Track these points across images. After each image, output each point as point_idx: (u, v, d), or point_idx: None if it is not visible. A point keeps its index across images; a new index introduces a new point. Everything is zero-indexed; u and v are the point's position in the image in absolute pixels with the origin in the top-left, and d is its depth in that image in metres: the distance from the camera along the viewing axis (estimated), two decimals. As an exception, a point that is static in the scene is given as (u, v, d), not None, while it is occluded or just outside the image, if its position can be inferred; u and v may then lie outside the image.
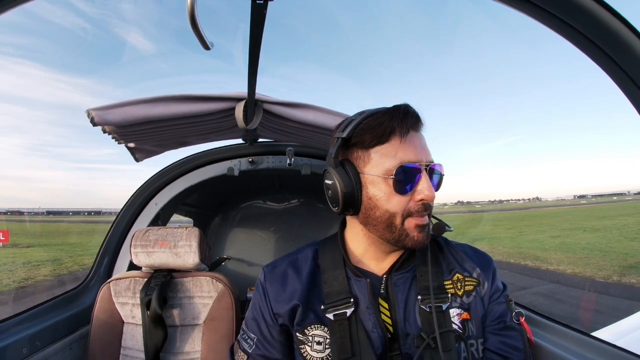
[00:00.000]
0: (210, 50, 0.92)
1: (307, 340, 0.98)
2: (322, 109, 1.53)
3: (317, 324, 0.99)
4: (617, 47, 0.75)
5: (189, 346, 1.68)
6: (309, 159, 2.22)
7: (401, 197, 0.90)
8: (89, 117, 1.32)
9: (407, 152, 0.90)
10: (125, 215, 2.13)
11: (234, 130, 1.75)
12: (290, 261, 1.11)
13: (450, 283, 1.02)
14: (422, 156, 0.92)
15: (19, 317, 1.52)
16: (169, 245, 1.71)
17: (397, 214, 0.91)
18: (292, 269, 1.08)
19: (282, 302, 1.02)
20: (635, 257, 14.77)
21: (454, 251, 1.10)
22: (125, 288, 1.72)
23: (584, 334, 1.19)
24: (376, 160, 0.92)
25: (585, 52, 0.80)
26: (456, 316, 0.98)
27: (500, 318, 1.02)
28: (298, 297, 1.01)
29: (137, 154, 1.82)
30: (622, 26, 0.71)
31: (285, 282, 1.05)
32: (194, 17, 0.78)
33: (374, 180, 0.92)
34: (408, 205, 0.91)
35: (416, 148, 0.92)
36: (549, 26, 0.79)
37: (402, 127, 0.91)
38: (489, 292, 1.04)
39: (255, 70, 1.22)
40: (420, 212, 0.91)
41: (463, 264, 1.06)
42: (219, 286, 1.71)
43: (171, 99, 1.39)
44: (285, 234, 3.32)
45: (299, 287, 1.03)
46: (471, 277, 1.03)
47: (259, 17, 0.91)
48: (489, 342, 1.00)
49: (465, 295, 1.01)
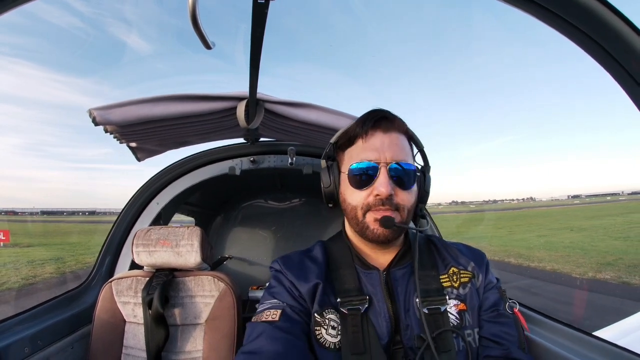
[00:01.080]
0: (212, 50, 0.92)
1: (324, 323, 0.99)
2: (323, 108, 1.53)
3: (333, 308, 1.01)
4: (617, 44, 0.75)
5: (190, 345, 1.69)
6: (310, 159, 2.22)
7: (360, 192, 1.01)
8: (91, 117, 1.33)
9: (366, 152, 1.01)
10: (127, 214, 2.13)
11: (235, 129, 1.75)
12: (303, 253, 1.16)
13: (447, 276, 1.07)
14: (382, 155, 1.00)
15: (21, 317, 1.53)
16: (170, 245, 1.71)
17: (357, 207, 1.01)
18: (306, 258, 1.12)
19: (302, 281, 1.04)
20: (614, 255, 15.24)
21: (448, 248, 1.16)
22: (127, 287, 1.72)
23: (579, 331, 1.21)
24: (346, 160, 1.07)
25: (587, 50, 0.80)
26: (453, 307, 1.02)
27: (494, 307, 1.06)
28: (318, 277, 1.04)
29: (139, 153, 1.82)
30: (622, 23, 0.71)
31: (303, 266, 1.08)
32: (195, 17, 0.78)
33: (343, 178, 1.07)
34: (367, 200, 1.00)
35: (378, 148, 1.01)
36: (550, 25, 0.79)
37: (362, 130, 1.03)
38: (483, 283, 1.09)
39: (257, 69, 1.22)
40: (377, 206, 0.98)
41: (458, 259, 1.12)
42: (220, 285, 1.71)
43: (172, 99, 1.39)
44: (287, 233, 3.32)
45: (318, 270, 1.06)
46: (466, 270, 1.09)
47: (261, 17, 0.91)
48: (483, 330, 1.04)
49: (462, 287, 1.06)
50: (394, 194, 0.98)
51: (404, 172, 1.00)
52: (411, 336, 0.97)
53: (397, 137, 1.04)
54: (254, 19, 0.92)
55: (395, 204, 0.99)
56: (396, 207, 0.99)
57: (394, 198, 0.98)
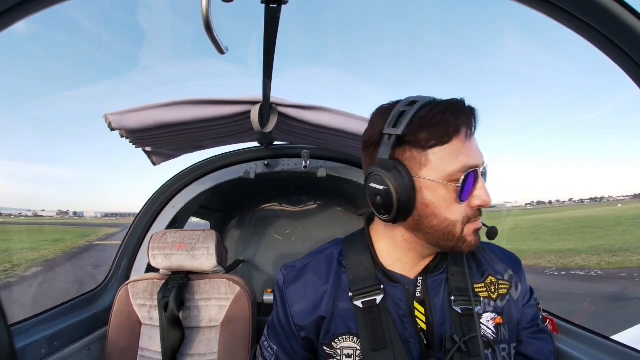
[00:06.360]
0: (225, 55, 0.93)
1: (336, 354, 0.92)
2: (337, 111, 1.52)
3: (346, 334, 0.92)
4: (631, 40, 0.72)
5: (205, 348, 1.70)
6: (324, 161, 2.21)
7: (462, 204, 0.82)
8: (107, 122, 1.35)
9: (470, 156, 0.82)
10: (143, 218, 2.16)
11: (249, 133, 1.76)
12: (312, 263, 1.02)
13: (484, 286, 0.96)
14: (481, 159, 0.84)
15: (38, 318, 1.56)
16: (186, 248, 1.72)
17: (457, 222, 0.83)
18: (314, 273, 0.99)
19: (305, 312, 0.95)
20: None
21: (482, 252, 1.03)
22: (143, 290, 1.74)
23: (608, 340, 1.17)
24: (435, 163, 0.81)
25: (602, 49, 0.77)
26: (490, 321, 0.93)
27: (534, 321, 1.00)
28: (323, 309, 0.93)
29: (154, 157, 1.84)
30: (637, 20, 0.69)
31: (307, 287, 0.97)
32: (208, 23, 0.79)
33: (431, 186, 0.82)
34: (466, 212, 0.83)
35: (477, 150, 0.84)
36: (566, 25, 0.77)
37: (468, 127, 0.82)
38: (522, 295, 0.99)
39: (270, 73, 1.23)
40: (477, 217, 0.85)
41: (494, 266, 1.00)
42: (235, 288, 1.72)
43: (187, 103, 1.40)
44: (302, 236, 3.32)
45: (324, 296, 0.95)
46: (504, 280, 0.98)
47: (273, 21, 0.92)
48: (523, 346, 0.98)
49: (500, 299, 0.96)
50: None
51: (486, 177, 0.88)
52: (442, 336, 0.89)
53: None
54: (267, 22, 0.92)
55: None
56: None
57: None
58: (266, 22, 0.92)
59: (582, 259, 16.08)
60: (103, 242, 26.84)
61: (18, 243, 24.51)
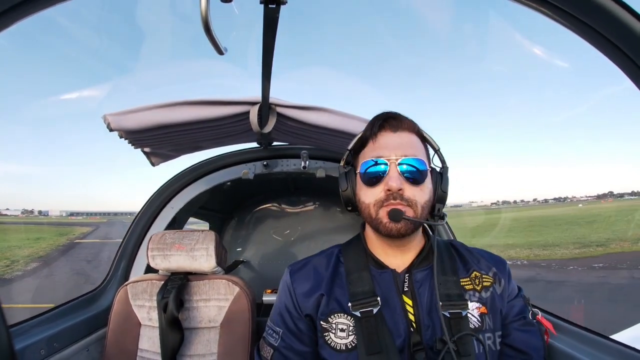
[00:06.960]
0: (224, 55, 0.92)
1: (331, 328, 1.04)
2: (335, 111, 1.52)
3: (341, 312, 1.05)
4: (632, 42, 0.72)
5: (205, 348, 1.69)
6: (323, 162, 2.20)
7: (372, 189, 1.03)
8: (105, 123, 1.35)
9: (376, 151, 1.04)
10: (142, 219, 2.15)
11: (248, 134, 1.76)
12: (315, 259, 1.19)
13: (469, 280, 1.08)
14: (393, 152, 1.02)
15: (38, 319, 1.56)
16: (185, 249, 1.72)
17: (370, 205, 1.04)
18: (316, 265, 1.16)
19: (307, 295, 1.09)
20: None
21: (470, 253, 1.17)
22: (142, 291, 1.74)
23: (604, 337, 1.18)
24: (359, 162, 1.09)
25: (603, 51, 0.77)
26: (475, 309, 1.03)
27: (521, 314, 1.09)
28: (323, 288, 1.09)
29: (153, 158, 1.84)
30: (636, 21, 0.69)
31: (310, 277, 1.13)
32: (207, 23, 0.79)
33: (357, 180, 1.09)
34: (379, 196, 1.02)
35: (387, 146, 1.04)
36: (566, 25, 0.76)
37: (372, 132, 1.07)
38: (506, 290, 1.10)
39: (269, 73, 1.23)
40: (389, 200, 1.00)
41: (479, 264, 1.13)
42: (235, 289, 1.72)
43: (186, 104, 1.40)
44: (301, 236, 3.32)
45: (323, 279, 1.11)
46: (487, 275, 1.10)
47: (272, 21, 0.92)
48: (509, 338, 1.06)
49: (483, 291, 1.07)
50: (405, 189, 1.00)
51: (413, 168, 1.01)
52: (432, 337, 0.98)
53: (406, 136, 1.06)
54: (265, 23, 0.93)
55: (407, 199, 1.00)
56: (408, 203, 1.00)
57: (404, 193, 1.00)
58: (265, 23, 0.92)
59: (516, 252, 19.66)
60: (82, 240, 27.52)
61: (1, 242, 24.67)
